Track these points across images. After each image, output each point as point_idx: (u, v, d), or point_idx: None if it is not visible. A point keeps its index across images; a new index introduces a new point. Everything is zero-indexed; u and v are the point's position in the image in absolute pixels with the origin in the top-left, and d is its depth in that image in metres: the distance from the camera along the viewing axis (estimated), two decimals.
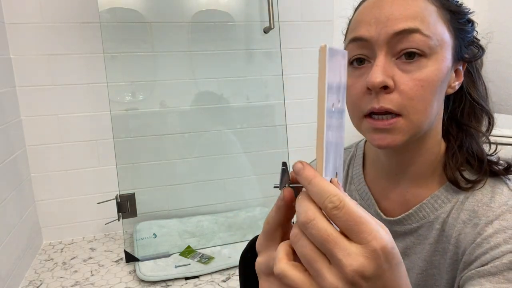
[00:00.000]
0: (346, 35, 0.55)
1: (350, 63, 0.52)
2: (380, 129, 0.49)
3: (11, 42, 1.67)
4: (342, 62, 0.31)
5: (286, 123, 1.98)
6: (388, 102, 0.47)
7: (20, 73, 1.70)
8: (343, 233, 0.27)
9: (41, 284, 1.51)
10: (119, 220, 1.73)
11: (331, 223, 0.27)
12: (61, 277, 1.55)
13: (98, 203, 1.83)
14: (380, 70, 0.47)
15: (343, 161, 0.35)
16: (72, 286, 1.49)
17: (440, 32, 0.48)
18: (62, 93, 1.77)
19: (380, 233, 0.26)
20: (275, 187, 0.35)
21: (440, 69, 0.48)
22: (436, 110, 0.51)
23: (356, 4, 0.55)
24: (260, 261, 0.35)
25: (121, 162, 1.79)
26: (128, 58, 1.81)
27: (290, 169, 0.33)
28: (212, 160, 2.01)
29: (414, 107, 0.48)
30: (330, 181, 0.29)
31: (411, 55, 0.47)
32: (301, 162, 0.30)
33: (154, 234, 1.79)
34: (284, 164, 0.34)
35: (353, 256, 0.26)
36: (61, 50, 1.73)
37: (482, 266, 0.47)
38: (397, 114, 0.48)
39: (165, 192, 1.98)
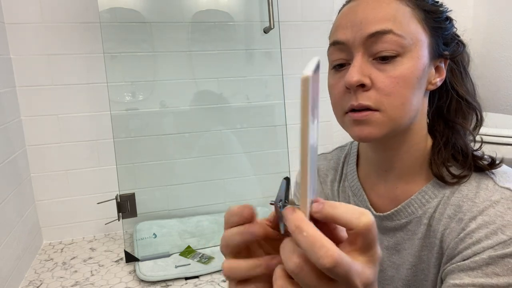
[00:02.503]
0: (330, 38, 0.57)
1: (332, 67, 0.55)
2: (358, 121, 0.51)
3: (11, 42, 1.67)
4: (319, 77, 0.30)
5: (286, 123, 1.98)
6: (366, 99, 0.50)
7: (20, 73, 1.70)
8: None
9: (41, 284, 1.51)
10: (119, 220, 1.73)
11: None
12: (61, 277, 1.55)
13: (98, 203, 1.83)
14: (356, 70, 0.49)
15: (316, 166, 0.34)
16: (72, 286, 1.49)
17: (414, 31, 0.50)
18: (62, 93, 1.77)
19: (363, 271, 0.28)
20: (271, 203, 0.32)
21: (415, 66, 0.50)
22: (416, 106, 0.52)
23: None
24: None
25: (121, 162, 1.79)
26: (128, 58, 1.81)
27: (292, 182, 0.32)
28: (212, 160, 2.01)
29: (391, 103, 0.50)
30: (312, 202, 0.29)
31: (385, 57, 0.49)
32: (291, 207, 0.29)
33: (154, 234, 1.79)
34: (287, 178, 0.32)
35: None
36: (61, 50, 1.73)
37: (463, 260, 0.48)
38: (375, 110, 0.50)
39: (165, 192, 1.98)
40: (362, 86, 0.49)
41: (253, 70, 2.00)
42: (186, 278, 1.50)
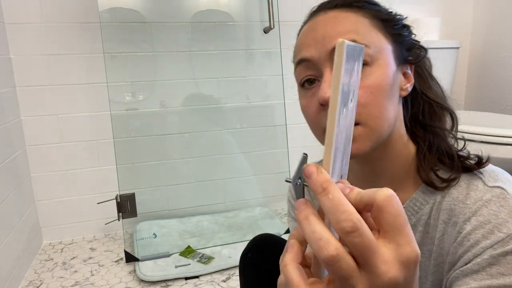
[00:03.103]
0: (293, 61, 0.57)
1: (302, 85, 0.54)
2: None
3: (11, 42, 1.67)
4: (359, 58, 0.30)
5: (286, 123, 1.98)
6: None
7: (20, 73, 1.70)
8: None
9: (41, 284, 1.51)
10: (119, 220, 1.73)
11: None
12: (61, 277, 1.55)
13: (98, 203, 1.83)
14: (328, 85, 0.48)
15: (348, 166, 0.33)
16: (72, 286, 1.49)
17: (376, 40, 0.50)
18: (62, 93, 1.77)
19: (389, 265, 0.25)
20: (286, 181, 0.31)
21: (385, 73, 0.50)
22: (393, 114, 0.52)
23: None
24: None
25: (121, 162, 1.79)
26: (128, 58, 1.81)
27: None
28: (212, 160, 2.01)
29: (369, 114, 0.49)
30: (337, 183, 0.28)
31: None
32: (316, 165, 0.28)
33: (154, 234, 1.79)
34: (305, 154, 0.30)
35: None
36: (61, 50, 1.73)
37: (466, 264, 0.48)
38: (355, 124, 0.49)
39: (165, 192, 1.98)
40: None
41: (253, 70, 2.00)
42: (186, 278, 1.51)
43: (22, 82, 1.71)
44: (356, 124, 0.49)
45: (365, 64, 0.49)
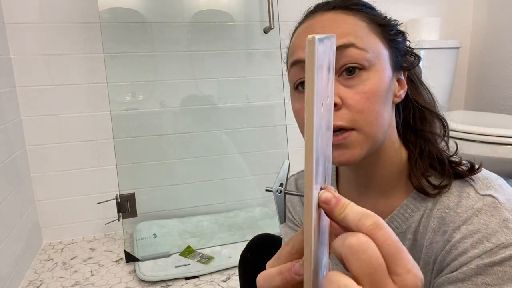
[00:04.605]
0: (287, 63, 0.56)
1: (295, 87, 0.53)
2: (337, 145, 0.49)
3: (11, 42, 1.67)
4: (332, 49, 0.28)
5: (286, 123, 1.98)
6: (338, 119, 0.48)
7: (20, 73, 1.70)
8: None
9: (41, 284, 1.51)
10: (119, 220, 1.73)
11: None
12: (61, 277, 1.55)
13: (98, 203, 1.83)
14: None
15: (331, 163, 0.32)
16: (72, 286, 1.49)
17: (374, 45, 0.50)
18: (62, 93, 1.77)
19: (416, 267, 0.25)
20: (267, 190, 0.29)
21: (381, 79, 0.49)
22: (387, 120, 0.52)
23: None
24: None
25: (121, 162, 1.79)
26: (128, 58, 1.81)
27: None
28: (212, 160, 2.01)
29: (365, 120, 0.48)
30: (321, 189, 0.27)
31: (351, 71, 0.48)
32: (329, 191, 0.27)
33: (154, 234, 1.79)
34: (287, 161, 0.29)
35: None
36: (61, 50, 1.73)
37: (452, 272, 0.47)
38: (350, 129, 0.48)
39: (165, 192, 1.98)
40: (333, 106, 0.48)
41: (253, 70, 2.00)
42: (186, 278, 1.51)
43: (22, 82, 1.71)
44: (351, 129, 0.48)
45: (362, 68, 0.48)
